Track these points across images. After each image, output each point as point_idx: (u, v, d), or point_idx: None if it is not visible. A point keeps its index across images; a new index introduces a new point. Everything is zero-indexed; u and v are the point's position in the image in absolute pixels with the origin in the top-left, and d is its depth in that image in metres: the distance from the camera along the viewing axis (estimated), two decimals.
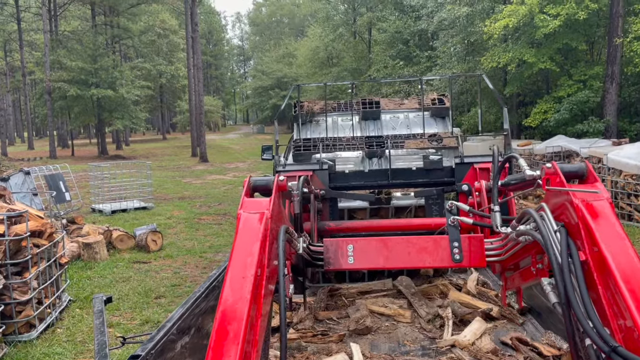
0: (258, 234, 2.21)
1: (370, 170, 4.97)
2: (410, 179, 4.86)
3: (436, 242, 3.04)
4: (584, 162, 2.52)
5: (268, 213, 2.32)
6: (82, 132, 68.54)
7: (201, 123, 36.87)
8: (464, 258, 3.00)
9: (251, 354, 1.89)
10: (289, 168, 4.74)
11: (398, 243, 3.05)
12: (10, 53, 60.29)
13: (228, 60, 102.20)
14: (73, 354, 5.97)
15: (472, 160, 4.38)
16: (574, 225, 2.16)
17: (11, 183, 12.36)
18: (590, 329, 1.82)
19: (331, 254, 3.09)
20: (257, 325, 1.98)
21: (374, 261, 3.07)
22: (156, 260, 10.05)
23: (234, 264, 2.10)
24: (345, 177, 4.85)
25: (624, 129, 23.73)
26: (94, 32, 43.07)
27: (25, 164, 25.76)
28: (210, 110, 61.52)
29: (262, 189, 2.77)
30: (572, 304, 1.94)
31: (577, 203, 2.15)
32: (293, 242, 2.81)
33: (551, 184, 2.42)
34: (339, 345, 4.53)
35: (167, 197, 18.80)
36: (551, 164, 2.45)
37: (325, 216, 4.64)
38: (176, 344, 3.17)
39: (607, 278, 1.91)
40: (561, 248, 2.07)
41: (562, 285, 1.99)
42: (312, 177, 4.56)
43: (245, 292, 1.96)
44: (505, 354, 4.28)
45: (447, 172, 4.67)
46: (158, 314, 7.13)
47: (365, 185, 5.04)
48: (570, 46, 23.66)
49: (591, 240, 2.04)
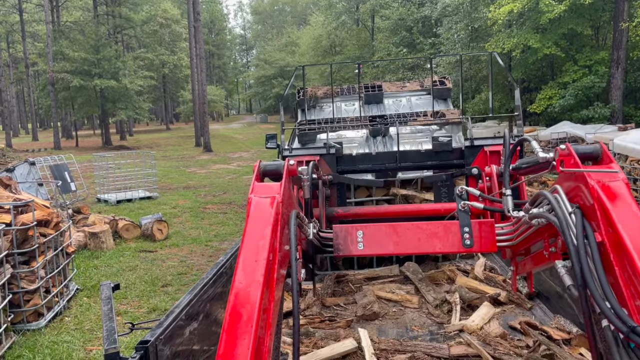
0: (269, 218, 2.19)
1: (377, 153, 4.88)
2: (418, 161, 4.77)
3: (446, 227, 2.99)
4: (599, 143, 2.47)
5: (279, 197, 2.30)
6: (86, 123, 68.64)
7: (204, 113, 36.81)
8: (474, 243, 2.96)
9: (264, 337, 1.87)
10: (295, 153, 4.66)
11: (408, 229, 3.01)
12: (13, 44, 60.22)
13: (230, 49, 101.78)
14: (81, 342, 5.99)
15: (483, 142, 4.31)
16: (589, 207, 2.12)
17: (16, 173, 12.37)
18: (607, 310, 1.79)
19: (341, 240, 3.06)
20: (270, 308, 1.96)
21: (383, 247, 3.04)
22: (162, 249, 10.07)
23: (246, 248, 2.09)
24: (353, 161, 4.77)
25: (629, 115, 23.58)
26: (96, 23, 42.94)
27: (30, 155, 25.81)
28: (214, 100, 61.38)
29: (272, 174, 2.74)
30: (588, 285, 1.90)
31: (592, 184, 2.11)
32: (303, 228, 2.78)
33: (565, 165, 2.37)
34: (347, 331, 4.53)
35: (171, 187, 18.82)
36: (565, 146, 2.42)
37: (334, 202, 4.59)
38: (185, 330, 3.17)
39: (624, 259, 1.87)
40: (577, 230, 2.04)
41: (578, 267, 1.95)
42: (320, 162, 4.52)
43: (257, 276, 1.95)
44: (514, 338, 4.27)
45: (457, 154, 4.57)
46: (165, 301, 7.15)
47: (373, 169, 4.98)
48: (575, 31, 23.46)
49: (607, 221, 2.00)
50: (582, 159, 2.34)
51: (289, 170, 2.66)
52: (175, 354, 2.85)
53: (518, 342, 4.17)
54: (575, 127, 20.92)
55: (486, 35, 28.07)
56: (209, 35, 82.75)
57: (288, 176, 2.62)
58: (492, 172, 3.75)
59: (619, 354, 1.76)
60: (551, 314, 4.68)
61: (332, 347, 4.16)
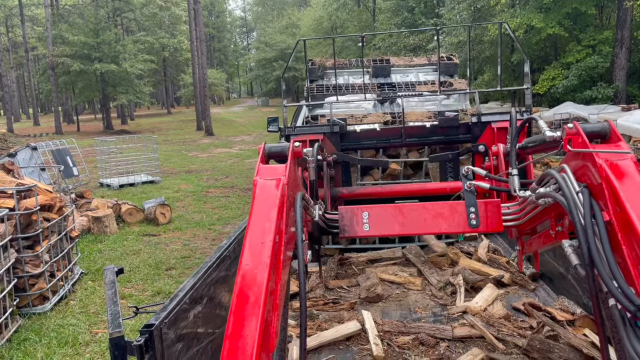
0: (275, 200, 2.18)
1: (382, 129, 4.78)
2: (424, 137, 4.70)
3: (452, 207, 2.98)
4: (607, 122, 2.43)
5: (284, 179, 2.28)
6: (87, 108, 68.47)
7: (205, 96, 36.65)
8: (480, 223, 2.94)
9: (272, 319, 1.88)
10: (298, 131, 4.58)
11: (414, 209, 3.00)
12: (12, 29, 59.86)
13: (231, 32, 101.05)
14: (87, 325, 6.04)
15: (490, 118, 4.20)
16: (596, 186, 2.10)
17: (19, 158, 12.38)
18: (615, 289, 1.78)
19: (346, 222, 3.05)
20: (277, 290, 1.96)
21: (389, 228, 3.02)
22: (165, 233, 10.10)
23: (252, 230, 2.07)
24: (357, 138, 4.68)
25: (633, 95, 23.42)
26: (95, 6, 42.58)
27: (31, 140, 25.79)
28: (214, 83, 61.07)
29: (277, 156, 2.73)
30: (596, 264, 1.89)
31: (600, 163, 2.08)
32: (309, 210, 2.77)
33: (573, 145, 2.34)
34: (351, 313, 4.55)
35: (174, 171, 18.82)
36: (573, 124, 2.38)
37: (338, 182, 4.53)
38: (189, 313, 3.18)
39: (632, 238, 1.86)
40: (584, 209, 2.02)
41: (585, 246, 1.94)
42: (324, 141, 4.43)
43: (264, 257, 1.94)
44: (517, 319, 4.29)
45: (463, 130, 4.49)
46: (169, 285, 7.19)
47: (378, 145, 4.92)
48: (579, 10, 23.21)
49: (615, 200, 1.98)
50: (589, 138, 2.30)
51: (294, 152, 2.64)
52: (179, 337, 2.86)
53: (522, 323, 4.19)
54: (579, 108, 20.80)
55: (489, 16, 27.80)
56: (209, 18, 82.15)
57: (293, 158, 2.60)
58: (499, 150, 3.71)
59: (626, 333, 1.75)
60: (555, 295, 4.69)
61: (336, 329, 4.18)
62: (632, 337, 1.73)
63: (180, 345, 2.88)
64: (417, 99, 6.20)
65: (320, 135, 4.48)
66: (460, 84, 6.51)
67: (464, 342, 4.04)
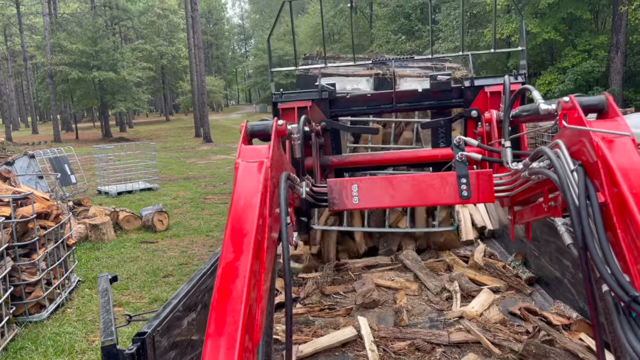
0: (258, 184, 2.09)
1: (373, 94, 4.57)
2: (416, 102, 4.51)
3: (443, 178, 2.90)
4: (604, 95, 2.30)
5: (267, 162, 2.19)
6: (85, 115, 68.47)
7: (204, 103, 36.68)
8: (472, 194, 2.86)
9: (256, 312, 1.81)
10: (286, 98, 4.38)
11: (404, 181, 2.92)
12: (11, 37, 59.97)
13: (229, 39, 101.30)
14: (84, 333, 6.02)
15: (483, 82, 4.09)
16: (592, 164, 2.00)
17: (16, 167, 12.36)
18: (609, 277, 1.72)
19: (335, 195, 2.96)
20: (261, 280, 1.88)
21: (379, 200, 2.93)
22: (163, 240, 10.08)
23: (233, 217, 2.00)
24: (347, 103, 4.49)
25: (629, 98, 23.49)
26: (93, 14, 42.71)
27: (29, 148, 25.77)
28: (213, 90, 61.14)
29: (261, 135, 2.63)
30: (589, 249, 1.82)
31: (596, 141, 1.98)
32: (295, 188, 2.67)
33: (569, 120, 2.23)
34: (347, 319, 4.54)
35: (172, 178, 18.81)
36: (568, 98, 2.26)
37: (328, 150, 4.38)
38: (182, 321, 3.17)
39: (628, 221, 1.77)
40: (579, 190, 1.94)
41: (579, 229, 1.87)
42: (312, 108, 4.29)
43: (246, 247, 1.86)
44: (513, 324, 4.29)
45: (456, 94, 4.33)
46: (167, 292, 7.17)
47: (369, 110, 4.72)
48: (574, 15, 23.31)
49: (611, 180, 1.88)
50: (586, 112, 2.20)
51: (277, 130, 2.54)
52: (172, 345, 2.85)
53: (518, 328, 4.19)
54: None
55: (485, 21, 27.90)
56: (207, 25, 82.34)
57: (277, 137, 2.50)
58: (492, 117, 3.60)
59: (620, 321, 1.69)
60: (551, 299, 4.68)
61: (332, 336, 4.17)
62: (626, 328, 1.67)
63: (173, 353, 2.88)
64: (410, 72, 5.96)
65: (308, 101, 4.33)
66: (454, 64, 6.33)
67: (460, 347, 4.04)
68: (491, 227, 6.75)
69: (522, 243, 5.60)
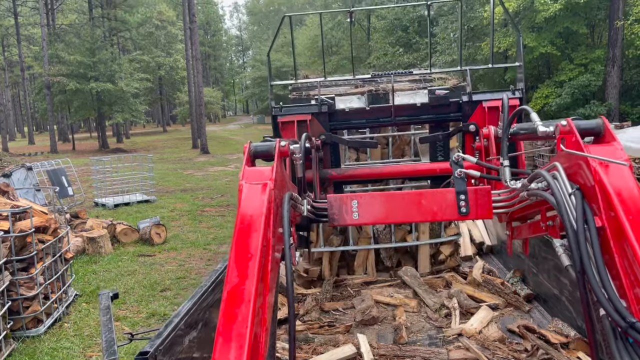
0: (262, 207, 2.10)
1: (372, 108, 4.55)
2: (414, 116, 4.53)
3: (442, 195, 2.91)
4: (601, 119, 2.34)
5: (271, 184, 2.20)
6: (82, 126, 68.48)
7: (201, 114, 36.75)
8: (470, 211, 2.87)
9: (260, 335, 1.82)
10: (286, 112, 4.40)
11: (403, 197, 2.94)
12: (8, 48, 60.04)
13: (227, 50, 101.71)
14: (81, 348, 5.99)
15: (481, 97, 4.10)
16: (589, 188, 2.03)
17: (14, 179, 12.35)
18: (606, 302, 1.74)
19: (335, 210, 2.97)
20: (265, 303, 1.90)
21: (379, 216, 2.95)
22: (161, 253, 10.06)
23: (238, 240, 2.00)
24: (346, 116, 4.51)
25: (626, 112, 23.64)
26: (92, 25, 42.83)
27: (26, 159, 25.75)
28: (210, 101, 61.28)
29: (264, 156, 2.64)
30: (587, 274, 1.84)
31: (594, 166, 2.01)
32: (297, 207, 2.70)
33: (566, 144, 2.26)
34: (346, 336, 4.54)
35: (169, 190, 18.79)
36: (566, 121, 2.29)
37: (327, 163, 4.39)
38: (184, 339, 3.17)
39: (625, 245, 1.80)
40: (577, 214, 1.96)
41: (577, 253, 1.89)
42: (312, 121, 4.30)
43: (251, 271, 1.87)
44: (512, 341, 4.29)
45: (454, 109, 4.35)
46: (164, 306, 7.15)
47: (367, 124, 4.74)
48: (571, 30, 23.52)
49: (608, 205, 1.91)
50: (583, 135, 2.22)
51: (280, 151, 2.57)
52: None
53: (516, 346, 4.19)
54: None
55: (482, 35, 28.12)
56: (205, 37, 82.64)
57: (280, 158, 2.53)
58: (490, 133, 3.64)
59: (617, 346, 1.71)
60: (549, 316, 4.70)
61: (331, 353, 4.17)
62: (623, 353, 1.69)
63: None
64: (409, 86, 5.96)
65: (308, 115, 4.34)
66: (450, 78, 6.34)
67: None
68: (489, 242, 6.77)
69: (520, 259, 5.62)
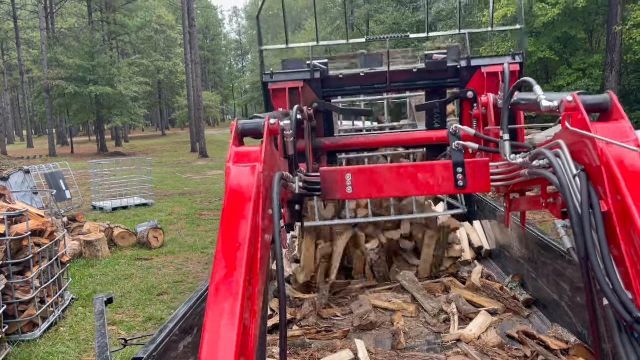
0: (250, 192, 1.97)
1: (366, 74, 4.37)
2: (410, 81, 4.36)
3: (439, 168, 2.80)
4: (609, 94, 2.18)
5: (260, 167, 2.07)
6: (81, 130, 68.45)
7: (200, 118, 36.73)
8: (467, 184, 2.78)
9: (250, 327, 1.71)
10: (276, 79, 4.21)
11: (399, 170, 2.83)
12: (7, 51, 60.08)
13: (226, 55, 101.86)
14: (77, 353, 5.94)
15: (480, 63, 3.96)
16: (595, 169, 1.91)
17: (11, 182, 12.33)
18: (611, 294, 1.66)
19: (329, 184, 2.86)
20: (255, 294, 1.78)
21: (374, 190, 2.84)
22: (158, 257, 10.02)
23: (225, 230, 1.87)
24: (340, 83, 4.34)
25: None
26: (91, 29, 42.85)
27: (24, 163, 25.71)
28: (209, 105, 61.31)
29: (252, 134, 2.50)
30: (592, 264, 1.75)
31: (601, 145, 1.88)
32: (289, 186, 2.58)
33: (572, 121, 2.12)
34: (344, 342, 4.50)
35: (167, 194, 18.75)
36: (572, 97, 2.14)
37: (320, 132, 4.22)
38: (179, 345, 3.14)
39: (632, 232, 1.70)
40: (582, 197, 1.86)
41: (581, 239, 1.80)
42: (304, 88, 4.15)
43: (240, 261, 1.75)
44: (511, 347, 4.25)
45: (451, 74, 4.18)
46: (161, 311, 7.10)
47: (362, 90, 4.56)
48: (569, 35, 23.57)
49: (615, 188, 1.81)
50: (589, 112, 2.09)
51: (270, 129, 2.42)
52: None
53: (516, 352, 4.15)
54: None
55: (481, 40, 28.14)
56: (204, 41, 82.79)
57: (269, 136, 2.39)
58: (489, 101, 3.49)
59: (621, 340, 1.65)
60: (549, 322, 4.66)
61: (328, 359, 4.13)
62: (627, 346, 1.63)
63: None
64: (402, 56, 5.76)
65: (300, 82, 4.19)
66: None
67: None
68: (488, 247, 6.74)
69: (520, 264, 5.58)
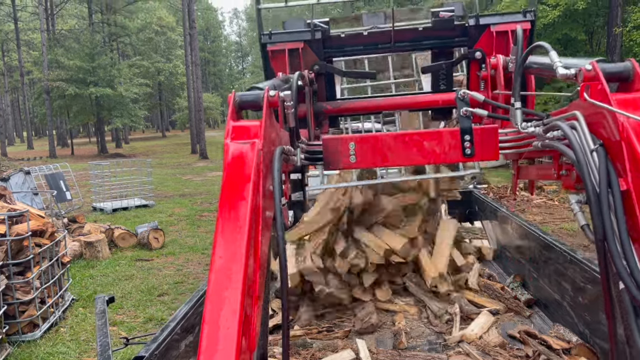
0: (250, 170, 1.87)
1: (370, 33, 4.21)
2: (416, 41, 4.18)
3: (445, 135, 2.70)
4: (630, 61, 2.04)
5: (259, 143, 1.96)
6: (81, 131, 68.49)
7: (200, 120, 36.77)
8: (475, 152, 2.68)
9: (252, 315, 1.63)
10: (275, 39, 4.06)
11: (404, 138, 2.73)
12: (8, 53, 60.15)
13: (226, 56, 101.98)
14: (77, 353, 5.94)
15: (489, 21, 3.77)
16: (614, 143, 1.81)
17: (11, 183, 12.33)
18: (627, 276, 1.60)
19: (331, 153, 2.77)
20: (257, 280, 1.70)
21: (378, 159, 2.74)
22: (158, 258, 10.01)
23: (224, 212, 1.76)
24: (342, 43, 4.18)
25: None
26: (91, 31, 42.91)
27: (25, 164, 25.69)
28: (210, 107, 61.39)
29: (251, 106, 2.35)
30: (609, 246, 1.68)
31: (622, 120, 1.77)
32: (290, 159, 2.47)
33: (591, 92, 2.00)
34: (345, 342, 4.49)
35: (167, 195, 18.76)
36: (591, 65, 2.00)
37: (322, 96, 4.10)
38: (180, 344, 3.13)
39: None
40: (599, 175, 1.77)
41: (599, 220, 1.72)
42: (304, 49, 4.01)
43: (239, 247, 1.66)
44: (513, 347, 4.24)
45: (459, 33, 4.00)
46: (161, 311, 7.10)
47: (365, 50, 4.39)
48: (569, 36, 23.58)
49: (636, 166, 1.71)
50: (609, 80, 1.97)
51: (269, 102, 2.27)
52: None
53: (517, 352, 4.14)
54: None
55: None
56: (205, 43, 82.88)
57: (269, 109, 2.25)
58: (499, 63, 3.35)
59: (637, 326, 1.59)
60: (550, 322, 4.65)
61: (330, 359, 4.12)
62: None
63: None
64: None
65: (300, 42, 4.03)
66: None
67: None
68: (489, 247, 6.73)
69: (521, 264, 5.57)
